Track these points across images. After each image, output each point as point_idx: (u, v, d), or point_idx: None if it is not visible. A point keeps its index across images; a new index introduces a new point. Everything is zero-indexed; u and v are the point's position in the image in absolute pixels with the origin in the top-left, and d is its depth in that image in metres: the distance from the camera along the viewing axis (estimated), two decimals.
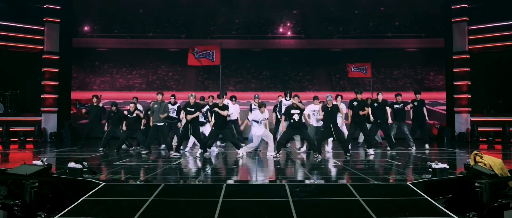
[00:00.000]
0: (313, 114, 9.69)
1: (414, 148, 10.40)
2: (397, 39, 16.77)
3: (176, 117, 10.33)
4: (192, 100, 9.10)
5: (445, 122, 15.76)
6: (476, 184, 4.61)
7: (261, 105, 8.92)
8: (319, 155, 8.48)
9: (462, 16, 15.59)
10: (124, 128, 10.49)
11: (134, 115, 10.31)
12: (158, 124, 9.53)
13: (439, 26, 16.60)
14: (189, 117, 8.93)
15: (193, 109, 8.99)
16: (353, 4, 17.00)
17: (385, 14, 16.93)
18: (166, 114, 9.45)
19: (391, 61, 16.68)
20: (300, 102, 8.70)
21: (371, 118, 9.91)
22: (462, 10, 15.61)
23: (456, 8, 15.69)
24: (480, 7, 15.50)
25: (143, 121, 10.75)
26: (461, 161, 7.85)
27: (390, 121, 10.33)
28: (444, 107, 16.09)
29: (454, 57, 15.71)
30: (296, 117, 8.54)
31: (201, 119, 9.57)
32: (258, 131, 9.01)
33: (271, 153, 8.94)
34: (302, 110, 8.67)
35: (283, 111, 9.18)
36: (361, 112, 9.41)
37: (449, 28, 15.91)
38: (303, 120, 9.28)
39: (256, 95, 10.79)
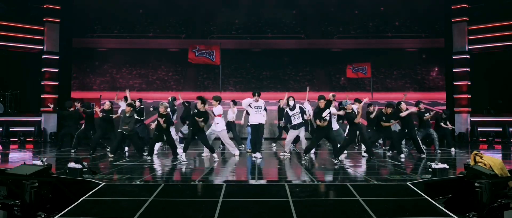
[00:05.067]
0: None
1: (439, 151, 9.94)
2: (397, 39, 16.76)
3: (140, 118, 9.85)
4: (162, 109, 8.51)
5: None
6: (476, 184, 4.60)
7: (216, 99, 8.79)
8: (338, 160, 7.92)
9: (462, 16, 15.59)
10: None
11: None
12: (125, 132, 8.99)
13: (439, 26, 16.60)
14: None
15: (162, 119, 8.40)
16: (353, 4, 17.00)
17: (385, 14, 16.93)
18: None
19: (391, 61, 16.68)
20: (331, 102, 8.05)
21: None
22: (462, 10, 15.61)
23: (456, 8, 15.69)
24: (480, 7, 15.50)
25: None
26: (461, 161, 7.86)
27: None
28: (444, 107, 16.08)
29: (454, 57, 15.71)
30: (327, 117, 7.77)
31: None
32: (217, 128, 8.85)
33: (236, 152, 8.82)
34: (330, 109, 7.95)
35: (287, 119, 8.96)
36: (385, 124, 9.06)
37: (449, 28, 15.92)
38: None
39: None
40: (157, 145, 9.50)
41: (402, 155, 8.83)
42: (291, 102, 8.88)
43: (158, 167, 7.62)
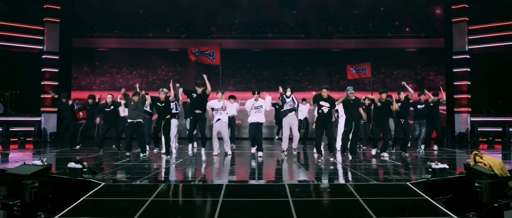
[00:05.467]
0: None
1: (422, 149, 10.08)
2: (397, 39, 16.77)
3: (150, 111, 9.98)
4: (162, 96, 8.64)
5: (445, 122, 15.76)
6: (476, 184, 4.60)
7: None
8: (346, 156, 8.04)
9: (462, 16, 15.60)
10: (97, 121, 10.15)
11: (111, 108, 9.81)
12: (135, 121, 8.94)
13: (439, 26, 16.60)
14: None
15: (163, 105, 8.64)
16: (353, 4, 17.00)
17: (385, 14, 16.93)
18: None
19: (391, 61, 16.69)
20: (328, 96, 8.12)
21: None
22: (462, 10, 15.62)
23: (456, 8, 15.70)
24: (480, 7, 15.51)
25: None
26: (461, 161, 7.85)
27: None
28: (444, 107, 16.06)
29: (454, 57, 15.72)
30: (325, 109, 7.97)
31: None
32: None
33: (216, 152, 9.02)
34: (332, 105, 8.06)
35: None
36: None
37: (449, 28, 15.93)
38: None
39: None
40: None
41: (404, 154, 8.90)
42: (289, 93, 9.12)
43: (158, 167, 7.62)
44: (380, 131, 9.46)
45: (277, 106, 10.78)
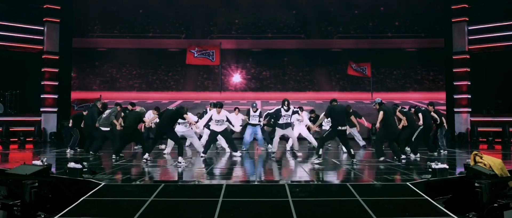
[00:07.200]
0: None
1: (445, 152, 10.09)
2: (397, 39, 16.75)
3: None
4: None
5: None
6: (476, 184, 4.61)
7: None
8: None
9: (462, 16, 15.59)
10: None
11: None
12: (104, 129, 9.24)
13: (439, 26, 16.59)
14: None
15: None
16: (353, 4, 16.98)
17: (385, 14, 16.91)
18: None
19: (391, 61, 16.66)
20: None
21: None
22: (462, 10, 15.61)
23: (456, 8, 15.69)
24: (480, 7, 15.50)
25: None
26: (461, 161, 7.86)
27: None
28: (444, 107, 16.07)
29: (454, 57, 15.72)
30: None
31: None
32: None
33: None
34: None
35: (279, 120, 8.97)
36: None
37: (449, 28, 15.92)
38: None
39: (254, 104, 10.68)
40: (169, 148, 9.65)
41: (403, 156, 8.82)
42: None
43: (158, 167, 7.62)
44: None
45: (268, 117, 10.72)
